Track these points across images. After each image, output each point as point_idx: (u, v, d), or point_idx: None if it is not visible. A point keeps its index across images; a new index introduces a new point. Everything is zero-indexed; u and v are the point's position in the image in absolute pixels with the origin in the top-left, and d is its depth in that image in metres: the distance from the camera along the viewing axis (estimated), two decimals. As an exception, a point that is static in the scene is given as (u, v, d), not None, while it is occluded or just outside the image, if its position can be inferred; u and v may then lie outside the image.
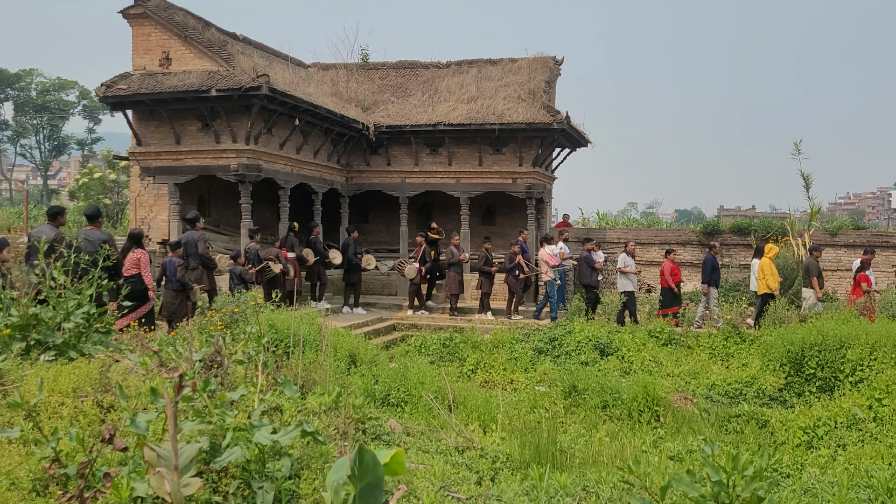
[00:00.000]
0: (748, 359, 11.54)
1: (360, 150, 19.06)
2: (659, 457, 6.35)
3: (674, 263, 15.19)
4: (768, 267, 14.19)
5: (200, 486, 2.08)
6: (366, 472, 2.07)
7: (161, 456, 2.06)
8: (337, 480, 2.13)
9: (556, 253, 15.80)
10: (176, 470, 1.97)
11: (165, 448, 2.09)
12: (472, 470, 5.25)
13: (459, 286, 16.34)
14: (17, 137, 61.98)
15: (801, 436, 7.96)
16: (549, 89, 18.70)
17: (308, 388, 7.04)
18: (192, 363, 4.98)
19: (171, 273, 10.95)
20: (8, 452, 4.02)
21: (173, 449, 1.91)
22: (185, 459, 2.10)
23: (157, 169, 15.35)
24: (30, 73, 60.13)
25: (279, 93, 14.22)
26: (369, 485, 2.11)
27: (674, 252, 15.62)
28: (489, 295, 16.32)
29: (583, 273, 15.91)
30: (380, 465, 2.10)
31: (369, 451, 2.03)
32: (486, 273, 16.13)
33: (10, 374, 5.12)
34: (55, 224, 9.23)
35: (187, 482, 2.05)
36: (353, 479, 2.08)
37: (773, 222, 18.54)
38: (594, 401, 9.16)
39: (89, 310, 6.12)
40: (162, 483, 1.95)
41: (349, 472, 2.07)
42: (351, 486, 2.11)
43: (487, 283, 16.19)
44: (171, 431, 1.94)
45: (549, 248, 15.82)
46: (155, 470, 2.00)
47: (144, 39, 15.23)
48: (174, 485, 1.95)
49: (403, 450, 5.46)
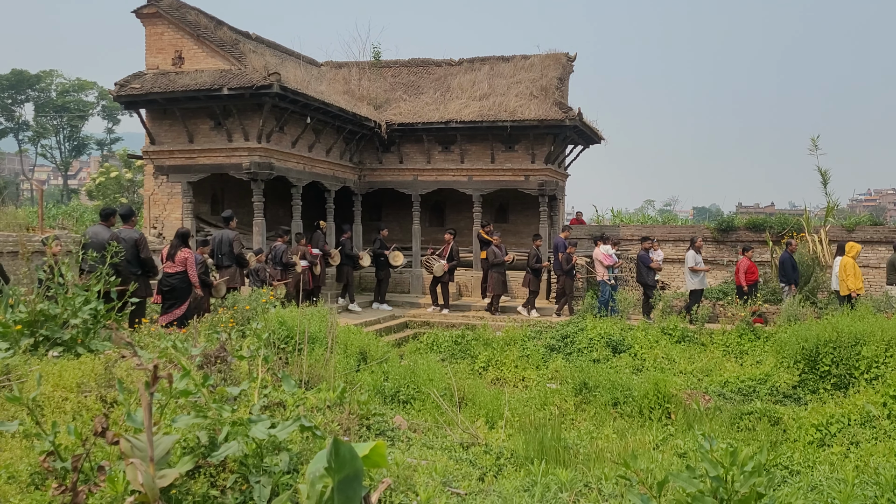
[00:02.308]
0: (762, 356, 11.42)
1: (373, 148, 19.07)
2: (665, 454, 6.29)
3: (751, 262, 14.75)
4: (851, 267, 13.50)
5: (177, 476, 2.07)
6: (343, 464, 2.05)
7: (136, 447, 2.05)
8: (314, 472, 2.12)
9: (610, 253, 15.43)
10: (151, 461, 1.96)
11: (143, 440, 2.08)
12: (475, 466, 5.22)
13: (503, 286, 16.21)
14: (38, 138, 62.76)
15: (813, 433, 7.85)
16: (562, 86, 18.59)
17: (314, 385, 7.05)
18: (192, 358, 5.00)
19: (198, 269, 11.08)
20: (9, 446, 4.05)
21: (148, 440, 1.90)
22: (161, 451, 2.09)
23: (171, 168, 15.46)
24: (50, 75, 60.86)
25: (291, 91, 14.26)
26: (347, 477, 2.09)
27: (751, 250, 15.13)
28: (537, 293, 16.20)
29: (640, 272, 15.44)
30: (357, 457, 2.08)
31: (345, 444, 2.01)
32: (536, 271, 16.00)
33: (17, 369, 5.17)
34: (107, 224, 9.73)
35: (163, 473, 2.04)
36: (331, 471, 2.06)
37: (789, 219, 18.28)
38: (605, 398, 9.11)
39: (96, 306, 6.16)
40: (135, 474, 1.94)
41: (326, 464, 2.05)
42: (329, 478, 2.10)
43: (535, 282, 16.07)
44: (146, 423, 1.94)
45: (603, 247, 15.46)
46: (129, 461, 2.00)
47: (157, 39, 15.34)
48: (147, 476, 1.94)
49: (407, 445, 5.46)
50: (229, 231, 12.03)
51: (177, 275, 10.39)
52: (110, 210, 10.03)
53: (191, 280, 10.50)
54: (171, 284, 10.37)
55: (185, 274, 10.43)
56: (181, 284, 10.41)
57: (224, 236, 11.96)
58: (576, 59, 19.48)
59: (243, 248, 12.27)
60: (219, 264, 11.82)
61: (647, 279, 15.29)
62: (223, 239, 11.90)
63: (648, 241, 15.79)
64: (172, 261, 10.47)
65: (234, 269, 11.90)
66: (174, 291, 10.43)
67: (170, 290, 10.41)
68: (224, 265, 11.84)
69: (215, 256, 11.85)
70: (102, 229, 9.62)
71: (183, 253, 10.52)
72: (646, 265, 15.22)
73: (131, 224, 10.03)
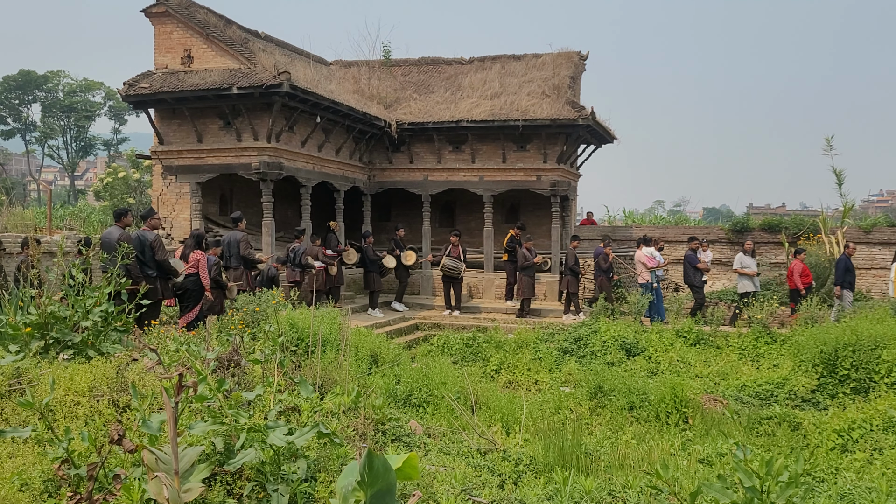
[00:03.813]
0: (779, 359, 11.25)
1: (383, 148, 18.96)
2: (688, 460, 6.15)
3: (804, 264, 14.35)
4: None
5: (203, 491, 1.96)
6: (376, 477, 1.94)
7: (161, 460, 1.93)
8: (346, 486, 2.00)
9: (654, 255, 15.14)
10: (176, 475, 1.84)
11: (167, 451, 1.96)
12: (494, 473, 5.10)
13: (532, 290, 16.08)
14: (45, 138, 62.89)
15: (835, 439, 7.70)
16: (574, 85, 18.45)
17: (328, 388, 6.93)
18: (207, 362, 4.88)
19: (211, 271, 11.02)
20: (22, 452, 3.95)
21: (173, 452, 1.79)
22: (186, 463, 1.98)
23: (179, 168, 15.38)
24: (57, 75, 60.96)
25: (300, 90, 14.16)
26: (380, 491, 1.97)
27: (804, 252, 14.73)
28: (577, 295, 16.01)
29: (686, 273, 15.12)
30: (391, 470, 1.96)
31: (379, 456, 1.89)
32: (575, 273, 15.82)
33: (28, 372, 5.07)
34: (121, 225, 9.70)
35: (188, 487, 1.93)
36: (363, 485, 1.94)
37: (804, 220, 18.11)
38: (620, 402, 8.97)
39: (107, 308, 6.06)
40: (160, 489, 1.82)
41: (359, 477, 1.93)
42: (361, 492, 1.98)
43: (575, 283, 15.89)
44: (171, 434, 1.82)
45: (646, 249, 15.17)
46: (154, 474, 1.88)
47: (167, 38, 15.27)
48: (173, 490, 1.82)
49: (424, 451, 5.33)
50: (237, 232, 12.01)
51: (189, 276, 10.32)
52: (122, 210, 9.95)
53: (202, 282, 10.43)
54: (183, 286, 10.29)
55: (198, 276, 10.36)
56: (193, 287, 10.34)
57: (232, 237, 11.95)
58: (588, 58, 19.34)
59: (251, 248, 12.22)
60: (227, 265, 11.80)
61: (694, 280, 14.95)
62: (231, 240, 11.88)
63: (695, 240, 15.52)
64: (186, 262, 10.41)
65: (241, 270, 11.86)
66: (186, 293, 10.36)
67: (182, 293, 10.34)
68: (232, 266, 11.82)
69: (224, 258, 11.82)
70: (115, 230, 9.56)
71: (196, 255, 10.46)
72: (692, 265, 14.88)
73: (149, 225, 9.95)
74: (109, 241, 9.24)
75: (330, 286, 14.39)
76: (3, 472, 3.60)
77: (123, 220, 9.73)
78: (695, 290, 15.00)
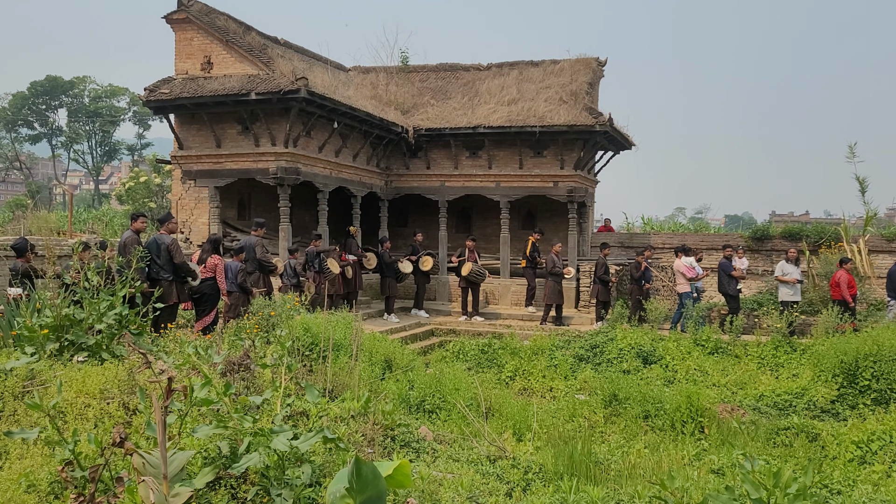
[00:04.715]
0: (799, 369, 11.10)
1: (400, 154, 19.00)
2: (700, 471, 6.07)
3: (850, 274, 13.83)
4: None
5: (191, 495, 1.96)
6: (365, 484, 1.93)
7: (150, 463, 1.93)
8: (335, 493, 1.99)
9: (693, 265, 14.85)
10: (165, 479, 1.84)
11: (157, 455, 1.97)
12: (502, 480, 5.06)
13: (560, 296, 15.91)
14: (71, 143, 63.82)
15: (853, 450, 7.57)
16: (592, 91, 18.38)
17: (338, 393, 6.94)
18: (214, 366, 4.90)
19: (231, 276, 11.10)
20: (30, 454, 3.98)
21: (162, 457, 1.79)
22: (175, 468, 1.98)
23: (198, 172, 15.51)
24: (83, 81, 61.86)
25: (318, 95, 14.24)
26: (370, 498, 1.96)
27: (850, 262, 14.31)
28: (607, 304, 15.83)
29: (720, 281, 14.72)
30: (380, 477, 1.95)
31: (368, 463, 1.88)
32: (605, 282, 15.67)
33: (42, 374, 5.12)
34: (134, 228, 9.88)
35: (177, 492, 1.92)
36: (352, 491, 1.94)
37: (826, 228, 17.86)
38: (635, 410, 8.89)
39: (121, 311, 6.11)
40: (147, 493, 1.83)
41: (347, 484, 1.93)
42: (350, 498, 1.97)
43: (605, 292, 15.75)
44: (160, 438, 1.82)
45: (685, 259, 14.96)
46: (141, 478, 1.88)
47: (187, 44, 15.43)
48: (160, 495, 1.82)
49: (432, 458, 5.31)
50: (253, 237, 12.13)
51: (206, 280, 10.41)
52: (137, 214, 10.08)
53: (219, 287, 10.52)
54: (199, 290, 10.37)
55: (214, 280, 10.44)
56: (210, 291, 10.43)
57: (248, 242, 12.09)
58: (606, 64, 19.26)
59: (267, 253, 12.31)
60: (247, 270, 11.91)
61: (728, 288, 14.52)
62: (247, 245, 12.02)
63: (730, 247, 15.15)
64: (203, 266, 10.50)
65: (256, 274, 11.95)
66: (203, 297, 10.45)
67: (199, 297, 10.43)
68: (248, 270, 11.91)
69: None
70: (129, 233, 9.67)
71: (213, 259, 10.55)
72: (727, 273, 14.51)
73: (166, 229, 10.04)
74: (123, 245, 9.36)
75: (348, 291, 14.44)
76: (12, 473, 3.63)
77: (135, 224, 9.85)
78: (729, 300, 14.62)
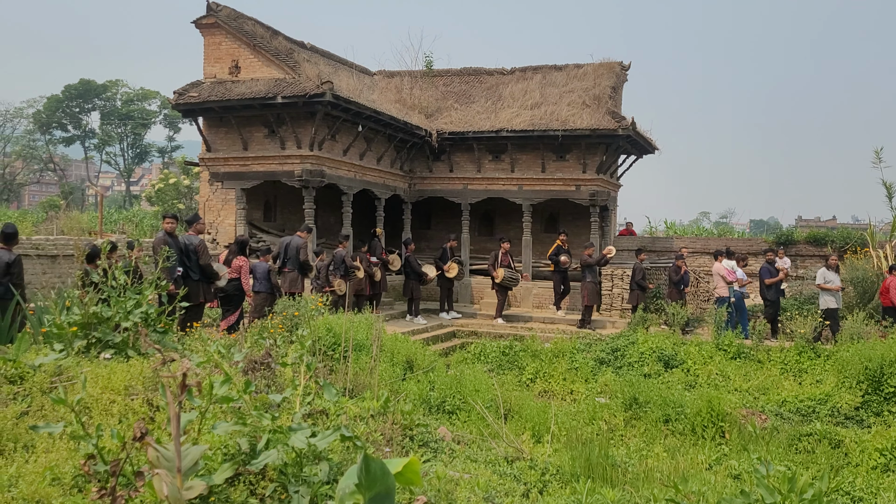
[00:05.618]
0: (822, 375, 10.96)
1: (423, 157, 19.10)
2: (718, 475, 6.04)
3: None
4: None
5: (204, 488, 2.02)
6: (374, 481, 1.97)
7: (164, 457, 2.01)
8: (344, 489, 2.04)
9: (734, 269, 14.53)
10: (179, 472, 1.91)
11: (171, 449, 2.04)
12: (519, 481, 5.09)
13: (598, 297, 15.78)
14: (103, 145, 64.92)
15: (877, 458, 7.48)
16: (615, 95, 18.32)
17: (358, 393, 7.02)
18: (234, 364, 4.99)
19: (260, 276, 11.24)
20: (56, 448, 4.11)
21: (176, 450, 1.86)
22: (189, 461, 2.05)
23: (225, 174, 15.74)
24: (115, 84, 62.91)
25: (342, 99, 14.38)
26: (378, 495, 2.01)
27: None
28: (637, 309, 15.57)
29: (761, 286, 14.42)
30: (389, 474, 2.00)
31: (376, 460, 1.93)
32: (642, 287, 15.55)
33: (70, 370, 5.26)
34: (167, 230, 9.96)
35: (191, 485, 1.99)
36: (361, 488, 1.99)
37: (852, 233, 17.59)
38: (656, 414, 8.85)
39: (147, 310, 6.25)
40: (161, 486, 1.90)
41: (356, 481, 1.98)
42: (359, 495, 2.02)
43: (643, 298, 15.63)
44: (174, 432, 1.89)
45: (726, 262, 14.65)
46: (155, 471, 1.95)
47: (215, 48, 15.67)
48: (173, 487, 1.89)
49: (450, 458, 5.36)
50: (298, 238, 12.30)
51: (231, 281, 10.57)
52: (168, 215, 10.26)
53: (243, 287, 10.67)
54: (225, 291, 10.53)
55: (239, 281, 10.60)
56: (234, 291, 10.59)
57: (293, 241, 12.23)
58: (630, 68, 19.19)
59: (309, 255, 12.49)
60: (281, 268, 12.03)
61: (767, 294, 14.20)
62: (291, 244, 12.13)
63: (771, 251, 14.83)
64: (228, 267, 10.67)
65: (295, 273, 12.08)
66: (227, 298, 10.61)
67: (224, 297, 10.60)
68: (287, 269, 12.05)
69: (279, 259, 12.10)
70: (162, 234, 9.85)
71: (238, 261, 10.71)
72: (763, 279, 14.21)
73: (194, 230, 10.21)
74: (153, 245, 9.55)
75: (373, 292, 14.55)
76: (37, 466, 3.75)
77: (164, 224, 10.03)
78: (766, 304, 14.35)
